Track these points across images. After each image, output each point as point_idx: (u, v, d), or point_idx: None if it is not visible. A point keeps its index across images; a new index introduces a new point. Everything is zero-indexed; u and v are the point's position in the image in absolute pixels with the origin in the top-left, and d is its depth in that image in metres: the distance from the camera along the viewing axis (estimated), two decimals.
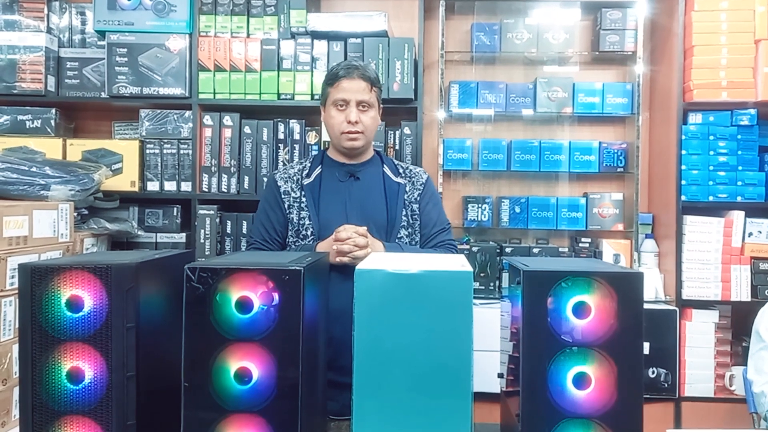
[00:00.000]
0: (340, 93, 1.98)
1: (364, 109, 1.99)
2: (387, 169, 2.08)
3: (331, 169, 2.06)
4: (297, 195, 2.02)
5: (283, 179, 2.06)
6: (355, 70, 1.99)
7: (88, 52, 3.02)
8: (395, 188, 2.04)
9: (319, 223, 1.95)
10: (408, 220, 2.01)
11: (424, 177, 2.10)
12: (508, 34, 3.14)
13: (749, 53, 2.91)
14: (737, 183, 2.96)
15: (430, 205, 2.07)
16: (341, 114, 1.99)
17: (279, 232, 2.02)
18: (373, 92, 2.01)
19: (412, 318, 1.08)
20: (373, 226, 1.94)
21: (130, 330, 1.13)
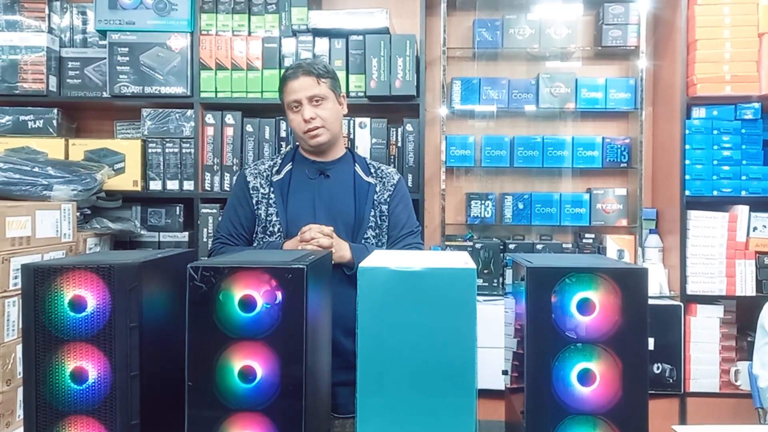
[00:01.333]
0: (290, 95, 2.00)
1: (318, 103, 1.99)
2: (358, 168, 2.08)
3: (301, 166, 2.06)
4: (266, 191, 2.02)
5: (252, 175, 2.06)
6: (298, 69, 2.00)
7: (90, 52, 3.02)
8: (365, 188, 2.03)
9: (286, 220, 1.96)
10: (376, 220, 2.01)
11: (395, 178, 2.10)
12: (510, 30, 3.13)
13: (753, 47, 2.90)
14: (741, 177, 2.95)
15: (400, 206, 2.06)
16: (297, 115, 2.00)
17: (246, 227, 2.02)
18: (322, 84, 1.99)
19: (415, 315, 1.08)
20: (341, 225, 1.94)
21: (134, 329, 1.12)
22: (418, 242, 2.08)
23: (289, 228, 1.96)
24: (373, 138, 2.96)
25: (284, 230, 1.96)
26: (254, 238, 2.03)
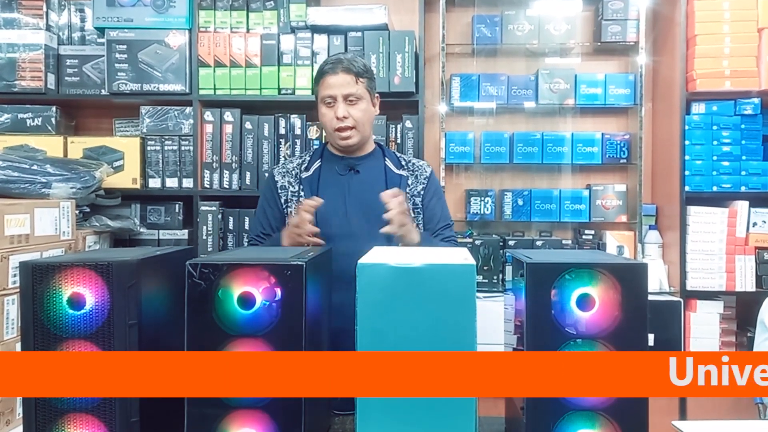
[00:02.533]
0: (326, 90, 1.97)
1: (353, 103, 1.96)
2: (389, 162, 2.06)
3: (330, 163, 2.04)
4: (295, 189, 2.01)
5: (281, 174, 2.05)
6: (338, 64, 1.96)
7: (88, 50, 3.01)
8: (397, 181, 2.02)
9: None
10: (410, 213, 1.99)
11: (428, 171, 2.08)
12: (509, 26, 3.13)
13: (752, 42, 2.89)
14: (741, 173, 2.95)
15: (434, 200, 2.05)
16: (330, 110, 1.97)
17: (275, 227, 2.01)
18: (359, 84, 1.97)
19: (415, 312, 1.08)
20: (374, 219, 1.92)
21: (132, 327, 1.12)
22: (454, 236, 2.08)
23: (320, 225, 1.92)
24: (373, 135, 2.95)
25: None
26: None
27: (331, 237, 1.89)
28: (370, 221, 1.89)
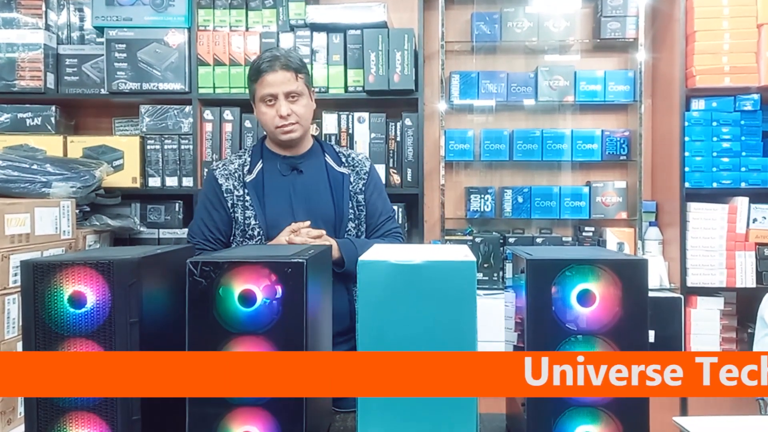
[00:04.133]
0: (265, 88, 1.92)
1: (294, 99, 1.94)
2: (329, 159, 2.04)
3: (272, 163, 2.00)
4: (240, 193, 1.96)
5: (223, 176, 1.99)
6: (276, 61, 1.91)
7: (87, 49, 3.01)
8: (339, 179, 2.00)
9: (266, 223, 1.92)
10: (354, 211, 1.99)
11: (367, 165, 2.07)
12: (508, 23, 3.13)
13: (752, 38, 2.89)
14: (741, 169, 2.95)
15: (375, 194, 2.04)
16: (271, 109, 1.93)
17: (223, 231, 1.97)
18: (299, 80, 1.94)
19: (415, 309, 1.08)
20: (321, 221, 1.92)
21: (134, 325, 1.12)
22: (397, 227, 2.07)
23: (269, 230, 1.92)
24: (372, 133, 2.96)
25: (264, 233, 1.92)
26: (233, 241, 1.98)
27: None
28: (316, 222, 1.90)
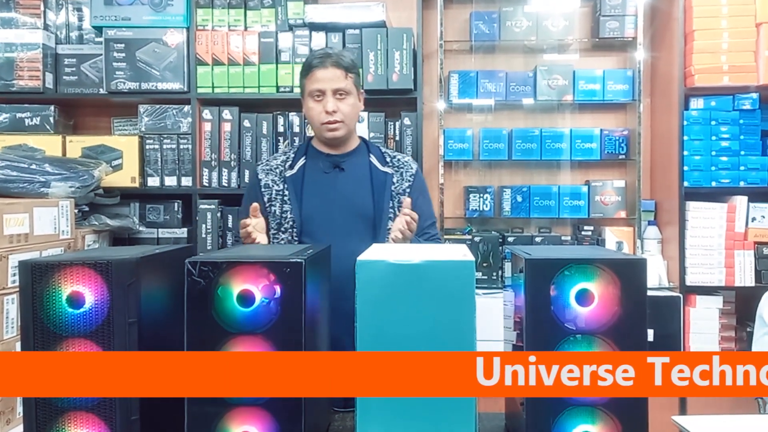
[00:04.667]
0: (314, 83, 1.96)
1: (342, 97, 1.97)
2: (374, 159, 2.05)
3: (315, 160, 2.03)
4: (280, 188, 1.99)
5: (264, 171, 2.04)
6: (327, 58, 1.95)
7: (86, 49, 3.01)
8: (382, 179, 2.01)
9: (300, 217, 1.94)
10: (395, 211, 1.98)
11: (413, 168, 2.08)
12: (507, 23, 3.12)
13: (750, 37, 2.89)
14: (740, 168, 2.95)
15: (420, 198, 2.05)
16: (318, 104, 1.96)
17: None
18: (349, 79, 1.97)
19: (414, 308, 1.08)
20: (359, 219, 1.93)
21: (132, 325, 1.12)
22: (436, 234, 2.08)
23: (304, 224, 1.94)
24: (371, 132, 2.96)
25: (298, 227, 1.94)
26: (269, 235, 2.00)
27: (315, 236, 1.89)
28: (354, 220, 1.90)
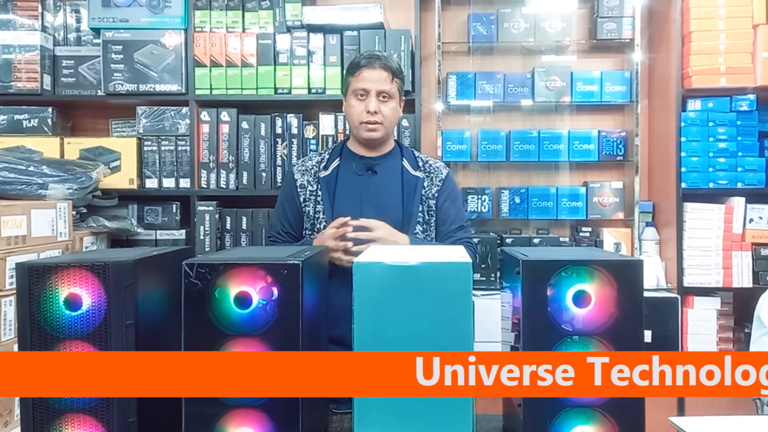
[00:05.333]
0: (360, 82, 1.97)
1: (385, 100, 1.98)
2: (406, 163, 2.06)
3: (349, 162, 2.05)
4: (314, 188, 2.02)
5: (300, 172, 2.06)
6: (377, 60, 1.98)
7: (84, 50, 3.01)
8: (413, 183, 2.02)
9: (332, 217, 1.95)
10: (424, 216, 1.99)
11: (444, 172, 2.08)
12: (504, 24, 3.13)
13: (748, 38, 2.90)
14: (737, 169, 2.95)
15: (449, 202, 2.05)
16: (361, 104, 1.98)
17: (294, 225, 2.03)
18: (394, 83, 1.99)
19: (411, 310, 1.08)
20: (389, 221, 1.93)
21: (130, 327, 1.12)
22: (469, 237, 2.07)
23: None
24: None
25: None
26: (304, 235, 2.02)
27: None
28: (385, 221, 1.90)
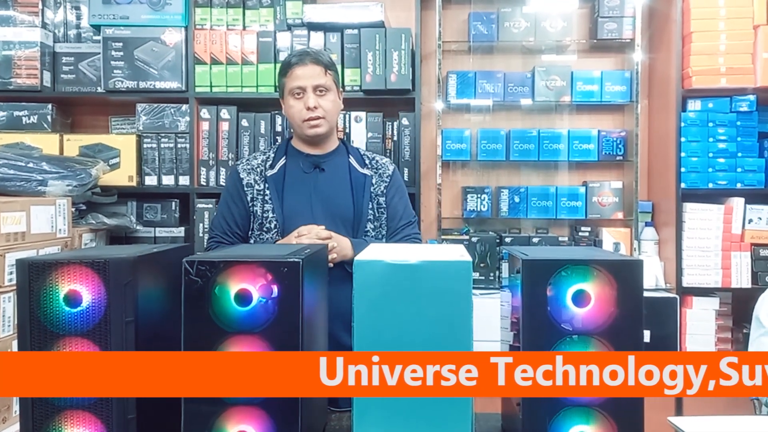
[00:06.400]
0: (294, 81, 1.97)
1: (322, 94, 1.97)
2: (353, 160, 2.06)
3: (295, 160, 2.03)
4: (261, 187, 1.99)
5: (245, 171, 2.03)
6: (307, 56, 1.97)
7: (84, 47, 3.01)
8: (361, 180, 2.02)
9: (283, 216, 1.95)
10: (374, 213, 2.00)
11: (390, 169, 2.09)
12: (505, 23, 3.13)
13: (748, 39, 2.90)
14: (737, 170, 2.95)
15: (396, 197, 2.05)
16: (299, 102, 1.97)
17: (241, 225, 2.01)
18: (328, 75, 1.98)
19: (411, 308, 1.08)
20: (339, 220, 1.93)
21: (129, 324, 1.12)
22: (416, 233, 2.07)
23: (286, 224, 1.94)
24: (369, 132, 2.96)
25: (281, 226, 1.95)
26: (250, 235, 2.01)
27: None
28: (334, 220, 1.91)
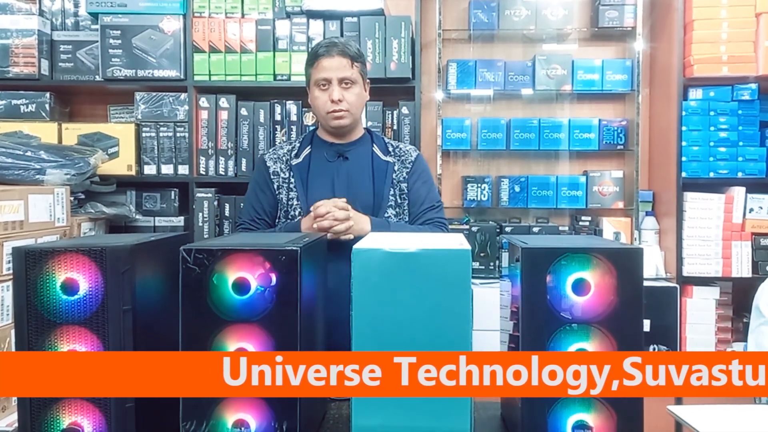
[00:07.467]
0: (320, 72, 1.96)
1: (347, 86, 1.97)
2: (376, 148, 2.07)
3: (320, 149, 2.05)
4: (286, 176, 2.02)
5: (272, 159, 2.05)
6: (334, 47, 1.96)
7: (82, 35, 2.99)
8: (383, 167, 2.03)
9: (307, 203, 1.95)
10: (396, 199, 2.00)
11: (413, 155, 2.08)
12: (506, 12, 3.11)
13: (750, 27, 2.88)
14: (738, 159, 2.94)
15: (419, 182, 2.05)
16: (324, 93, 1.97)
17: (268, 212, 2.02)
18: (355, 68, 1.97)
19: (410, 297, 1.07)
20: (360, 206, 1.93)
21: (127, 312, 1.12)
22: (441, 217, 2.06)
23: (310, 211, 1.95)
24: (369, 121, 2.95)
25: (305, 213, 1.96)
26: (277, 223, 2.03)
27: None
28: (355, 207, 1.91)
